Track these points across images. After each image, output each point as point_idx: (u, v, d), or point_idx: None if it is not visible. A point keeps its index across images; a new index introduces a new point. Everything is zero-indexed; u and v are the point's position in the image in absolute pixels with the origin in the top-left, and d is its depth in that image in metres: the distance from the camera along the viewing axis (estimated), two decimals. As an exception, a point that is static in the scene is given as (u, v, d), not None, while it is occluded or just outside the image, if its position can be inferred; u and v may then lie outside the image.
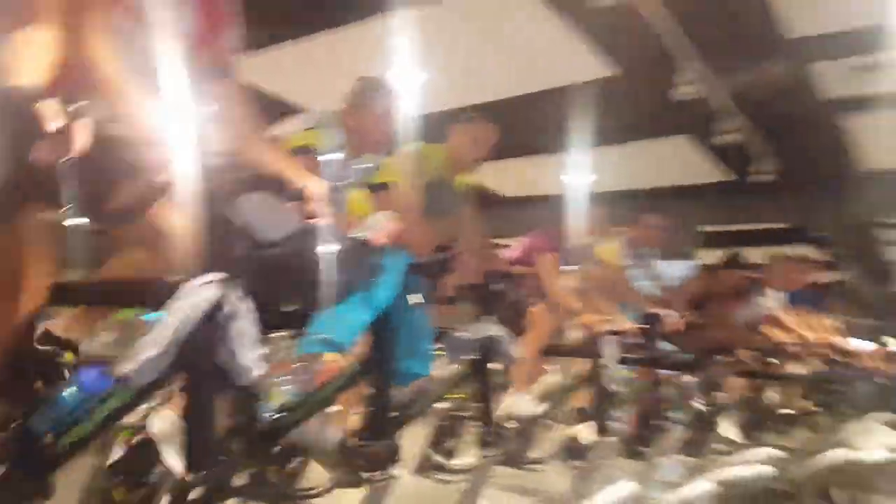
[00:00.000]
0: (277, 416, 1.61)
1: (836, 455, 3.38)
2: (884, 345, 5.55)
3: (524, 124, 4.38)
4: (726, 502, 2.38)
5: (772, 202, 5.43)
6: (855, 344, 5.28)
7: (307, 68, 4.15)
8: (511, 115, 3.99)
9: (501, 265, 2.32)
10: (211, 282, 1.08)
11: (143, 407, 1.46)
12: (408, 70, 3.84)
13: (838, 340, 4.72)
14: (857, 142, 4.32)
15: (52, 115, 1.08)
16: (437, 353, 2.08)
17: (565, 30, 3.29)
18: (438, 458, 3.17)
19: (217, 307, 1.08)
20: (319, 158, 2.00)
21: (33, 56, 1.15)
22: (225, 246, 1.13)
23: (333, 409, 1.83)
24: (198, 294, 1.05)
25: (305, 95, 4.65)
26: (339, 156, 2.10)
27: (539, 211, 6.60)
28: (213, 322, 1.07)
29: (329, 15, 3.50)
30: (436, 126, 3.01)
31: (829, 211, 5.52)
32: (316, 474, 1.85)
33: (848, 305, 5.64)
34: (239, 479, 1.32)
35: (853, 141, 4.31)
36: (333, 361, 1.74)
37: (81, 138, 1.07)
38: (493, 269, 2.20)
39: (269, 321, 1.33)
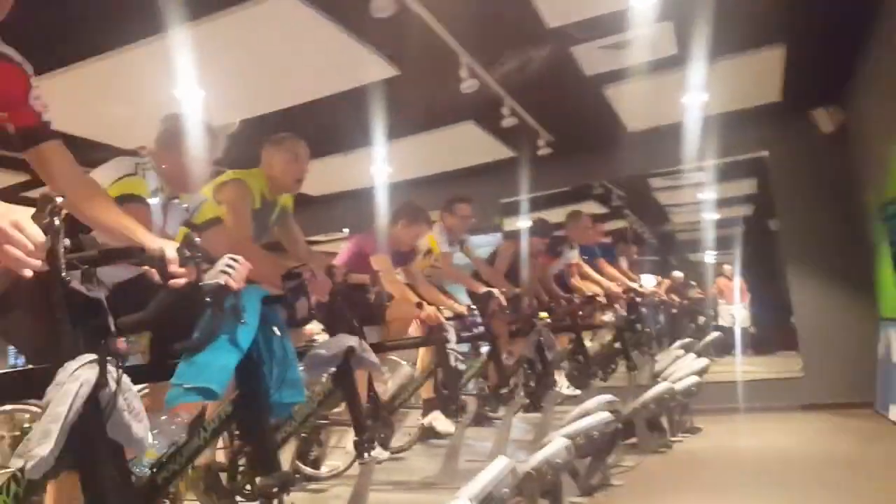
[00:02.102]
0: (153, 471, 1.55)
1: (657, 389, 3.97)
2: (667, 278, 6.53)
3: (319, 127, 4.44)
4: (578, 450, 2.70)
5: (556, 169, 6.08)
6: (646, 282, 6.16)
7: (79, 96, 3.79)
8: (304, 120, 4.04)
9: (342, 275, 2.36)
10: (86, 363, 1.03)
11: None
12: (192, 88, 3.70)
13: (633, 283, 5.46)
14: (619, 109, 4.98)
15: None
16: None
17: (349, 38, 3.38)
18: (308, 470, 3.19)
19: (98, 387, 1.04)
20: (150, 204, 1.89)
21: None
22: (92, 323, 1.08)
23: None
24: (76, 379, 1.00)
25: (85, 126, 4.25)
26: (160, 200, 1.99)
27: (348, 205, 6.79)
28: (98, 403, 1.04)
29: (99, 38, 3.24)
30: (245, 148, 2.97)
31: (604, 170, 6.31)
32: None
33: (633, 248, 6.53)
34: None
35: (615, 109, 4.96)
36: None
37: None
38: (340, 283, 2.25)
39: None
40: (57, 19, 3.00)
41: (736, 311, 6.29)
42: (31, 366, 1.33)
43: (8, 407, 2.12)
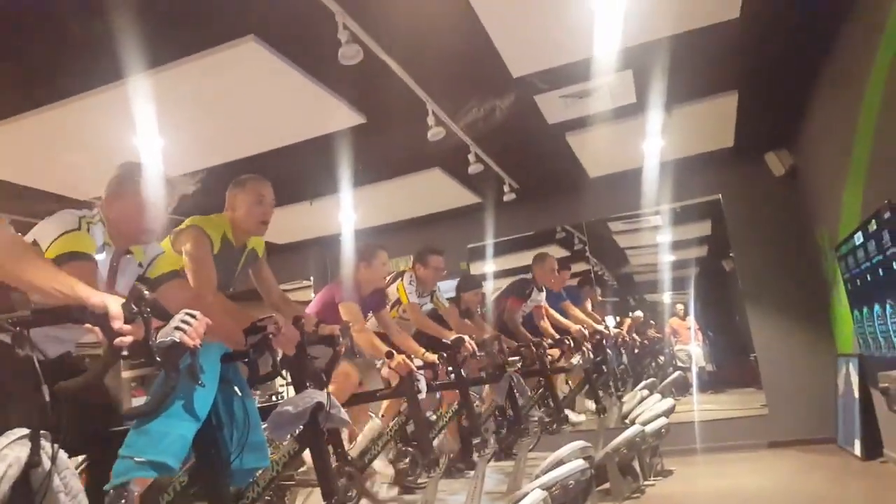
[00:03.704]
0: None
1: (628, 433, 3.92)
2: (629, 318, 6.56)
3: (285, 175, 4.37)
4: (554, 501, 2.60)
5: (521, 214, 6.13)
6: (610, 323, 6.17)
7: (33, 146, 3.66)
8: (270, 167, 3.97)
9: (311, 325, 2.26)
10: (16, 439, 0.92)
11: None
12: (153, 136, 3.61)
13: (599, 325, 5.46)
14: (581, 155, 5.06)
15: None
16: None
17: (316, 85, 3.36)
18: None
19: (30, 466, 0.92)
20: (97, 260, 1.75)
21: None
22: (21, 395, 0.97)
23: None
24: (3, 458, 0.89)
25: (38, 177, 4.11)
26: (108, 254, 1.85)
27: (315, 252, 6.70)
28: (29, 485, 0.92)
29: (57, 85, 3.13)
30: (209, 196, 2.88)
31: (567, 214, 6.39)
32: None
33: (596, 290, 6.56)
34: None
35: (578, 155, 5.04)
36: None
37: None
38: (307, 334, 2.14)
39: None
40: (10, 67, 2.90)
41: (692, 350, 6.34)
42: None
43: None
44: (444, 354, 3.48)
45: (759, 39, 3.53)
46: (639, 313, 6.68)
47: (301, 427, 2.03)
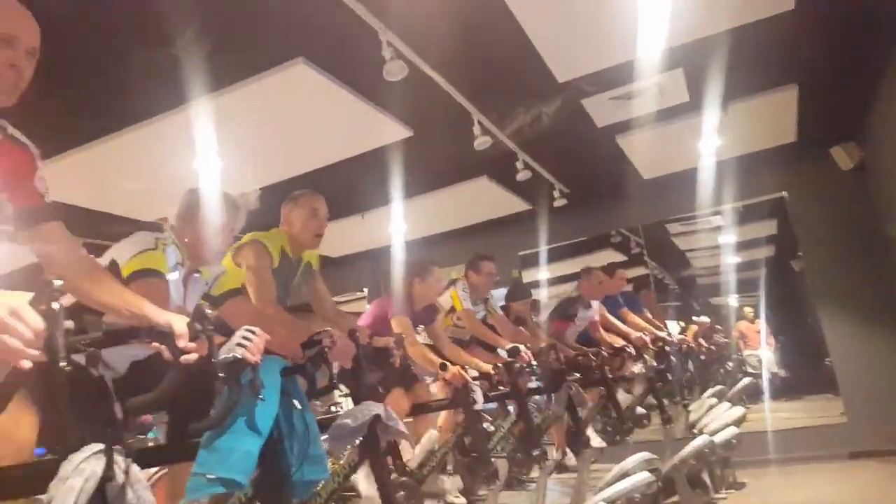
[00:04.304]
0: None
1: (696, 443, 3.79)
2: (694, 323, 6.36)
3: (337, 190, 4.47)
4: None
5: (573, 219, 6.06)
6: (673, 329, 6.00)
7: (100, 172, 3.86)
8: (322, 184, 4.04)
9: (364, 338, 2.29)
10: (92, 454, 0.96)
11: None
12: (211, 159, 3.74)
13: (661, 332, 5.31)
14: (633, 157, 4.97)
15: None
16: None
17: (363, 102, 3.42)
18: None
19: (105, 480, 0.96)
20: (168, 280, 1.85)
21: None
22: (96, 411, 1.01)
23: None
24: (81, 472, 0.93)
25: (108, 201, 4.32)
26: (180, 274, 1.95)
27: (367, 265, 6.80)
28: (105, 497, 0.96)
29: (122, 114, 3.32)
30: (266, 215, 2.96)
31: (621, 218, 6.27)
32: None
33: (656, 295, 6.41)
34: None
35: (630, 157, 4.95)
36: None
37: None
38: (364, 347, 2.17)
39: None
40: (78, 97, 3.06)
41: (762, 355, 6.08)
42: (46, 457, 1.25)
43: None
44: (500, 364, 3.45)
45: (818, 30, 3.39)
46: (704, 318, 6.48)
47: (360, 439, 2.06)
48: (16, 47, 1.44)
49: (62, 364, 0.95)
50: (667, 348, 4.94)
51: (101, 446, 0.97)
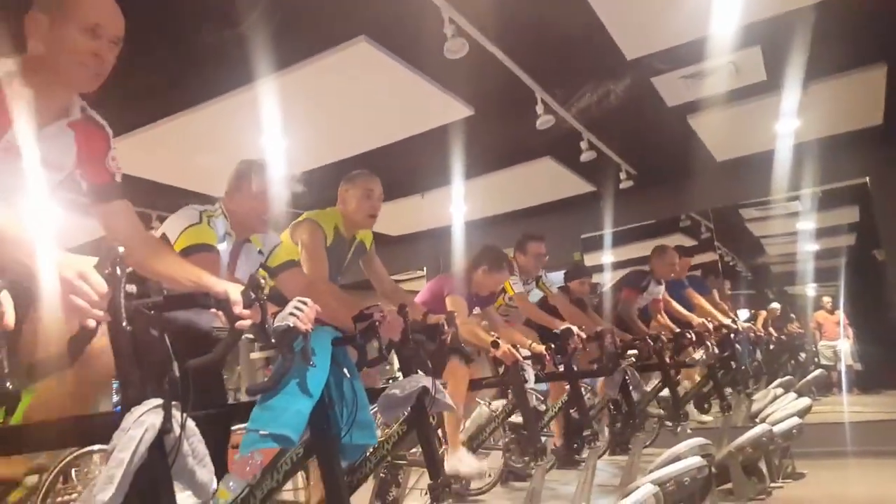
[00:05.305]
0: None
1: (753, 431, 3.69)
2: (764, 311, 6.13)
3: (397, 169, 4.53)
4: (667, 498, 2.51)
5: (639, 202, 5.90)
6: (741, 316, 5.80)
7: (173, 149, 4.05)
8: (383, 162, 4.12)
9: (419, 315, 2.35)
10: (151, 408, 1.05)
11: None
12: (276, 137, 3.86)
13: (727, 319, 5.15)
14: (706, 138, 4.79)
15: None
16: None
17: (424, 80, 3.43)
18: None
19: (163, 432, 1.05)
20: (219, 250, 1.96)
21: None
22: (156, 370, 1.10)
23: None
24: (141, 424, 1.02)
25: (177, 176, 4.53)
26: (229, 243, 2.06)
27: (426, 244, 6.86)
28: (162, 448, 1.05)
29: (190, 93, 3.47)
30: (327, 192, 3.06)
31: (691, 201, 6.07)
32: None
33: (725, 281, 6.20)
34: None
35: (702, 138, 4.77)
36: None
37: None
38: (414, 322, 2.23)
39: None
40: (149, 78, 3.22)
41: (839, 347, 5.80)
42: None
43: (96, 447, 2.21)
44: (553, 345, 3.45)
45: (910, 3, 3.16)
46: (774, 306, 6.23)
47: (408, 410, 2.13)
48: (101, 37, 1.49)
49: (124, 324, 1.04)
50: (731, 336, 4.78)
51: (160, 401, 1.05)
